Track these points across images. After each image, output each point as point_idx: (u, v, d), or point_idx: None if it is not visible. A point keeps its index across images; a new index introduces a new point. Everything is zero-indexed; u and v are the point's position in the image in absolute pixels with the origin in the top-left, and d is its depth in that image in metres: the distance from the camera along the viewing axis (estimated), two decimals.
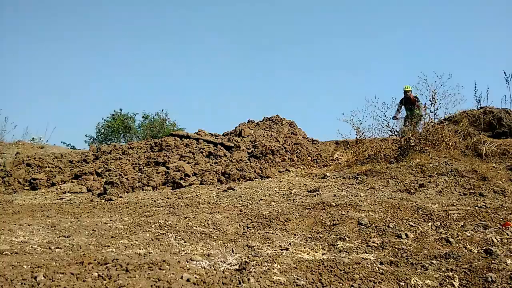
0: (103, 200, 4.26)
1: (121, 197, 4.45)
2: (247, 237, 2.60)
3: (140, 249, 2.17)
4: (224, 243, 2.46)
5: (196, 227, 2.78)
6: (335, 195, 3.79)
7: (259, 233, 2.70)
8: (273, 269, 1.77)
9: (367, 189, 4.01)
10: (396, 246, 2.34)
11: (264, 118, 8.79)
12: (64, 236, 2.44)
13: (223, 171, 5.32)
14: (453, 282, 1.76)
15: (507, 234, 2.43)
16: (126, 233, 2.56)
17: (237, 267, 1.79)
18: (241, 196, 4.02)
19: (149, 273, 1.53)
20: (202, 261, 1.88)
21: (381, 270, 1.86)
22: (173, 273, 1.55)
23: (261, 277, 1.63)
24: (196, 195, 4.25)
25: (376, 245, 2.41)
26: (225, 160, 5.91)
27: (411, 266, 2.00)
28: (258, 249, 2.28)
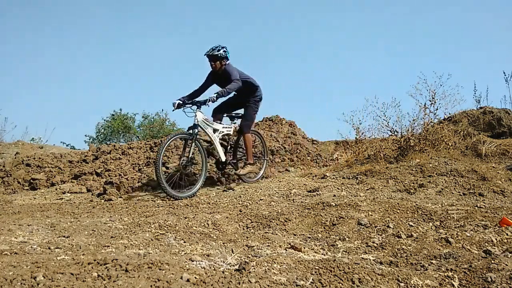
0: (102, 200, 4.26)
1: (120, 197, 4.45)
2: (247, 237, 2.60)
3: (139, 249, 2.17)
4: (223, 243, 2.46)
5: (196, 227, 2.78)
6: (334, 195, 3.79)
7: (258, 233, 2.70)
8: (273, 269, 1.77)
9: (367, 189, 4.01)
10: (396, 246, 2.34)
11: (263, 118, 8.80)
12: (64, 236, 2.43)
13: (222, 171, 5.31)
14: (453, 282, 1.76)
15: (507, 234, 2.44)
16: (125, 233, 2.56)
17: (237, 267, 1.78)
18: (240, 196, 4.02)
19: (148, 273, 1.53)
20: (201, 261, 1.88)
21: (380, 270, 1.86)
22: (172, 273, 1.55)
23: (261, 277, 1.63)
24: (196, 195, 4.25)
25: (376, 245, 2.41)
26: None
27: (411, 266, 2.00)
28: (257, 249, 2.28)
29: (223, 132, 4.82)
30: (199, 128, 4.44)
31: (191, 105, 4.53)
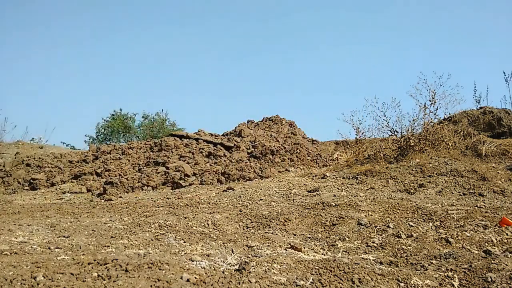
0: (102, 200, 4.26)
1: (120, 197, 4.45)
2: (247, 237, 2.60)
3: (139, 249, 2.17)
4: (223, 243, 2.46)
5: (196, 227, 2.78)
6: (334, 195, 3.79)
7: (258, 233, 2.70)
8: (273, 269, 1.77)
9: (367, 189, 4.01)
10: (395, 246, 2.34)
11: (263, 118, 8.81)
12: (64, 236, 2.43)
13: (222, 171, 5.32)
14: (453, 282, 1.76)
15: (507, 234, 2.44)
16: (125, 233, 2.56)
17: (236, 267, 1.78)
18: (240, 196, 4.02)
19: (148, 273, 1.53)
20: (201, 261, 1.88)
21: (380, 270, 1.86)
22: (172, 273, 1.55)
23: (261, 277, 1.63)
24: (196, 195, 4.25)
25: (375, 245, 2.41)
26: (224, 160, 5.91)
27: (411, 266, 2.00)
28: (257, 249, 2.28)
29: None
30: None
31: None
